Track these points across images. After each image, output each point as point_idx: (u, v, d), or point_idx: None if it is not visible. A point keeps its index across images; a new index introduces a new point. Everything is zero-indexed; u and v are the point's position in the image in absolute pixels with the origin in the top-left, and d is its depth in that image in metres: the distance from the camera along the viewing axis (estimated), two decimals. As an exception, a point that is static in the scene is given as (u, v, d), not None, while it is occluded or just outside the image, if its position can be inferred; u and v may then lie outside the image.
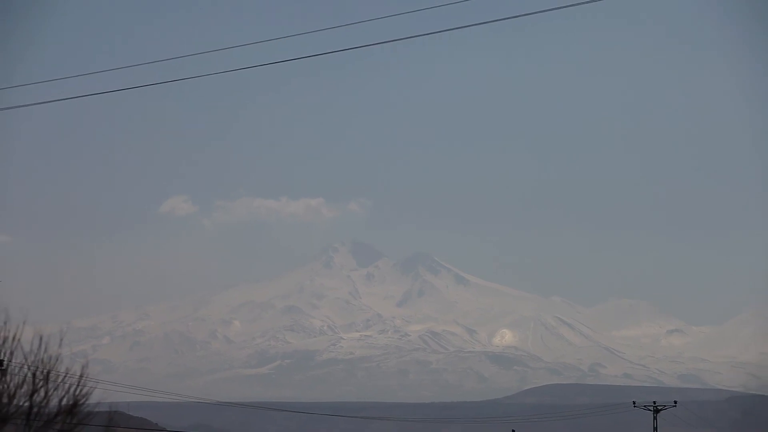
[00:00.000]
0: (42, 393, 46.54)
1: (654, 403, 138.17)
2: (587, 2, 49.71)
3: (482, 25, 54.90)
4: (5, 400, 45.97)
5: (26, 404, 46.11)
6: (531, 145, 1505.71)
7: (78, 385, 47.11)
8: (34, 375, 46.39)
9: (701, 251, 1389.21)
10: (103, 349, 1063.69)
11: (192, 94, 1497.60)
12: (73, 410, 46.90)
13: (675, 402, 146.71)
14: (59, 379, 46.84)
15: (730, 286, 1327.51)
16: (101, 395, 50.98)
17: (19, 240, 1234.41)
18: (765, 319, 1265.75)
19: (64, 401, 46.99)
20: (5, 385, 46.39)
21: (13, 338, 47.16)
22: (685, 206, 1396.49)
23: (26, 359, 46.56)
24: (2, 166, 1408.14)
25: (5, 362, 46.79)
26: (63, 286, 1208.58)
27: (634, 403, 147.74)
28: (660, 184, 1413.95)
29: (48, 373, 46.64)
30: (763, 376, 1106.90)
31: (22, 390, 46.08)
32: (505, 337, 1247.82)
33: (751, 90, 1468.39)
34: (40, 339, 46.69)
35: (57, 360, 46.76)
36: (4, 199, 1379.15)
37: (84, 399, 47.66)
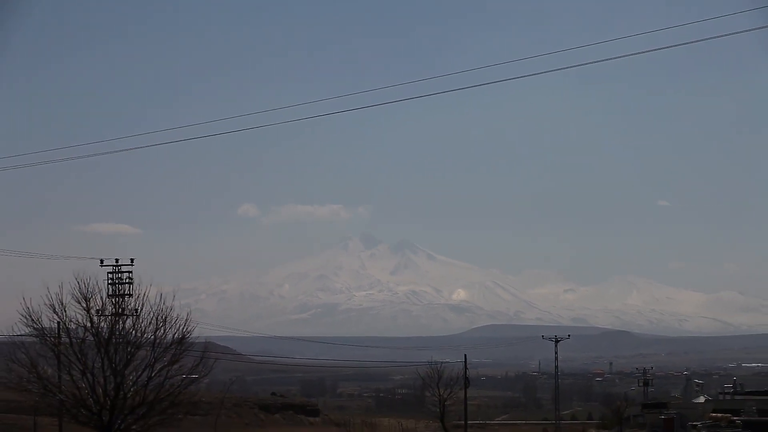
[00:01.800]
0: (162, 330, 46.94)
1: (555, 336, 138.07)
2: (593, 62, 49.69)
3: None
4: (139, 334, 46.55)
5: (152, 337, 46.69)
6: (485, 168, 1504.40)
7: (184, 325, 47.63)
8: (156, 318, 46.74)
9: (585, 237, 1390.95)
10: (200, 302, 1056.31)
11: (257, 139, 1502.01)
12: (181, 341, 47.38)
13: (569, 335, 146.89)
14: (172, 321, 47.30)
15: (604, 261, 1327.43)
16: (199, 332, 51.46)
17: (146, 232, 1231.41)
18: (624, 282, 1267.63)
19: (176, 335, 47.44)
20: (139, 325, 46.94)
21: (144, 295, 47.63)
22: (575, 208, 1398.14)
23: (152, 308, 46.92)
24: (138, 187, 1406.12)
25: (139, 310, 47.30)
26: (175, 261, 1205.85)
27: (543, 336, 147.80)
28: (561, 192, 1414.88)
29: (165, 317, 47.02)
30: (623, 318, 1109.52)
31: (149, 328, 46.64)
32: (460, 294, 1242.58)
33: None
34: (161, 296, 47.08)
35: (171, 309, 47.23)
36: (152, 204, 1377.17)
37: (188, 334, 48.06)
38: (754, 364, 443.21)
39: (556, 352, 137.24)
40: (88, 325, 44.86)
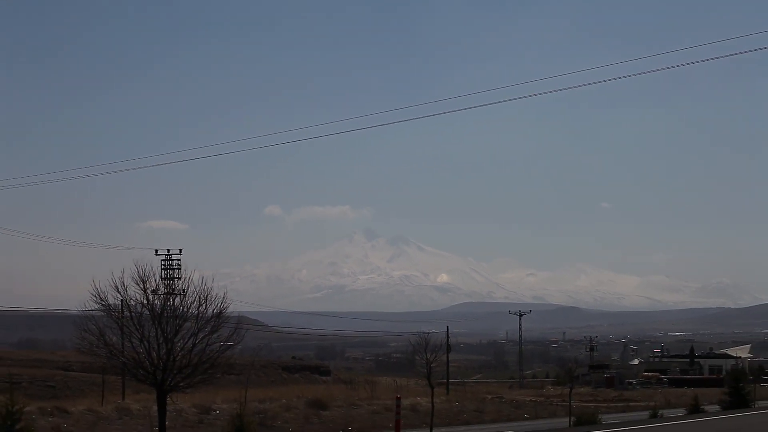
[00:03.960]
0: (204, 306, 46.91)
1: (519, 311, 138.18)
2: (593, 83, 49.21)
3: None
4: (185, 309, 46.47)
5: (196, 312, 46.64)
6: (464, 176, 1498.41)
7: (222, 302, 47.70)
8: (199, 297, 46.74)
9: (543, 232, 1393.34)
10: (235, 284, 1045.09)
11: (282, 153, 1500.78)
12: (219, 315, 47.35)
13: (530, 311, 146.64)
14: (212, 299, 47.25)
15: (558, 251, 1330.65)
16: (234, 308, 51.31)
17: (192, 227, 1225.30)
18: (575, 268, 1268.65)
19: (215, 310, 47.47)
20: (185, 302, 46.94)
21: (189, 278, 47.56)
22: (535, 208, 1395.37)
23: (196, 289, 46.95)
24: (186, 190, 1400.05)
25: (186, 290, 47.34)
26: (215, 251, 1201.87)
27: (509, 311, 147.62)
28: (525, 195, 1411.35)
29: (207, 296, 47.06)
30: (574, 296, 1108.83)
31: (194, 304, 46.52)
32: (443, 278, 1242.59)
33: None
34: (202, 278, 47.03)
35: (211, 289, 47.24)
36: (197, 204, 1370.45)
37: (225, 309, 48.06)
38: (677, 333, 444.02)
39: (519, 324, 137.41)
40: (145, 302, 44.95)
